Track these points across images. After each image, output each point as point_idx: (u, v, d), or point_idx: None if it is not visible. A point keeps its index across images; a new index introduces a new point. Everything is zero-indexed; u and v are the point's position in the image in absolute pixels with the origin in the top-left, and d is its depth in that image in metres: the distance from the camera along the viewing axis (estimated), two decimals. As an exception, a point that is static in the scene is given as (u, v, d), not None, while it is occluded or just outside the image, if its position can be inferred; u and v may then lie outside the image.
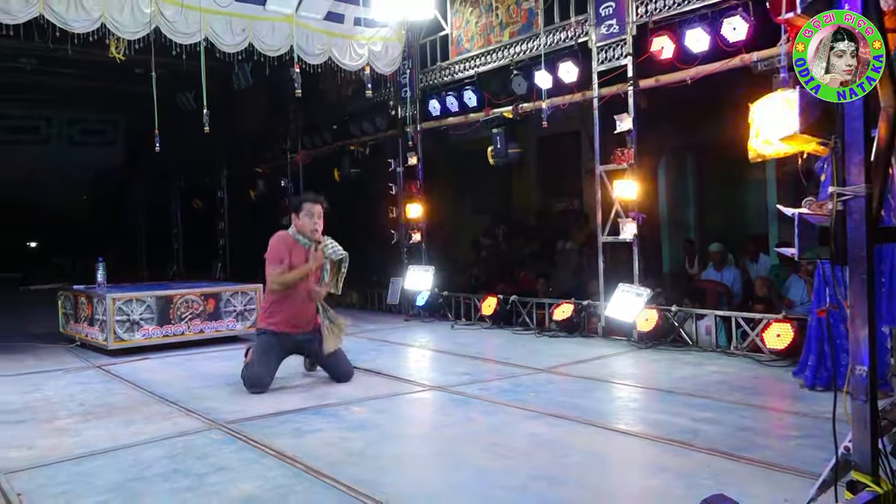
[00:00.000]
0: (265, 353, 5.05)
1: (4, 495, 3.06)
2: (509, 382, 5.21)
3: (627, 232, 6.98)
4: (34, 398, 5.03)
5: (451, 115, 9.11)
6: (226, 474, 3.27)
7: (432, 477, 3.30)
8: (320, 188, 11.80)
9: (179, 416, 4.42)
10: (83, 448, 3.75)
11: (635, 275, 6.91)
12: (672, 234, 9.71)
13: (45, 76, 12.38)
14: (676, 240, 9.58)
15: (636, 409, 4.51)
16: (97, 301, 6.99)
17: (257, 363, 5.00)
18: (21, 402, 4.92)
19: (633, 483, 3.17)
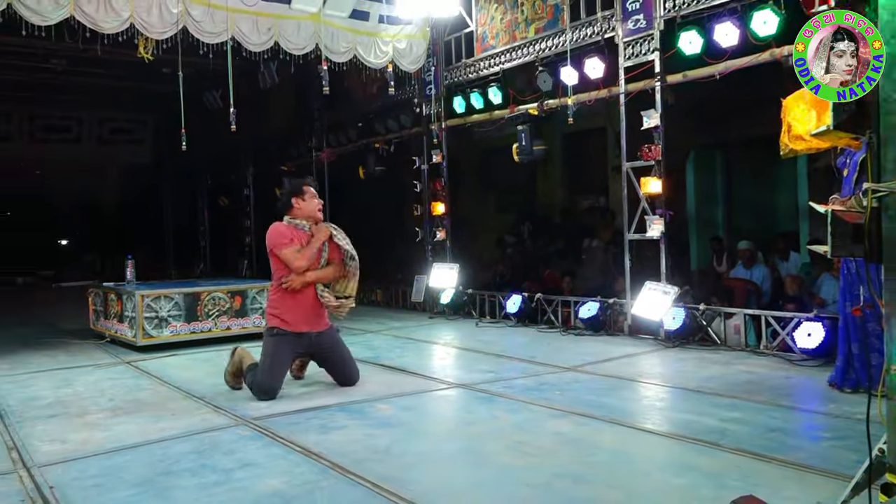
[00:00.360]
0: (274, 357, 4.77)
1: (38, 488, 3.12)
2: (534, 380, 5.19)
3: (654, 229, 6.92)
4: (66, 393, 5.13)
5: (476, 112, 9.09)
6: (253, 470, 3.30)
7: (457, 474, 3.30)
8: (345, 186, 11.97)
9: (207, 412, 4.48)
10: (113, 442, 3.81)
11: (662, 273, 6.85)
12: (700, 231, 9.60)
13: (75, 77, 12.60)
14: (704, 237, 9.47)
15: (663, 409, 4.47)
16: (126, 298, 7.11)
17: (267, 369, 4.73)
18: (53, 396, 5.02)
19: (660, 482, 3.15)
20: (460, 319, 8.85)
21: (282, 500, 2.91)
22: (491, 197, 12.74)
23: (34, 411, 4.58)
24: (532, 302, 8.17)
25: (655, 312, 6.68)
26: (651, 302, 6.74)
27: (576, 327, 7.58)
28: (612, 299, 7.43)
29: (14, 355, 6.82)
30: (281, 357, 4.81)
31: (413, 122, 10.06)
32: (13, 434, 4.03)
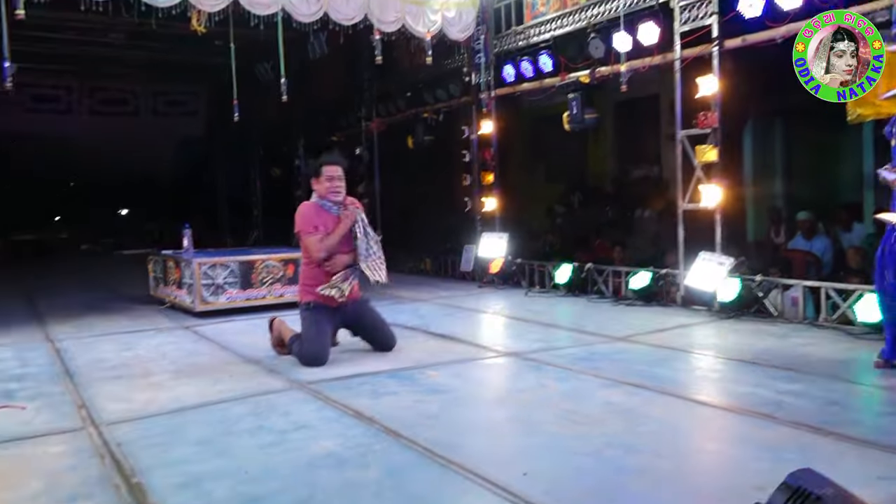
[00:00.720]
0: (318, 326, 4.87)
1: (106, 444, 3.28)
2: (584, 350, 5.18)
3: (709, 199, 6.75)
4: (129, 356, 5.34)
5: (526, 80, 8.96)
6: (307, 431, 3.39)
7: (507, 441, 3.33)
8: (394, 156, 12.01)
9: (262, 375, 4.61)
10: (175, 403, 3.97)
11: (717, 243, 6.70)
12: (757, 201, 9.33)
13: (132, 50, 12.89)
14: (761, 207, 9.21)
15: (717, 380, 4.41)
16: (184, 266, 7.32)
17: (314, 338, 4.83)
18: (118, 359, 5.23)
19: (714, 453, 3.12)
20: (509, 289, 8.85)
21: (336, 461, 2.99)
22: (540, 166, 12.60)
23: (100, 372, 4.79)
24: (582, 272, 8.11)
25: (709, 283, 6.56)
26: (705, 273, 6.62)
27: (627, 298, 7.50)
28: (664, 270, 7.32)
29: (80, 319, 7.12)
30: (323, 326, 4.92)
31: (462, 91, 9.98)
32: (82, 393, 4.23)
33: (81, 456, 3.14)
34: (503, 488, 2.65)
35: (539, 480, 2.73)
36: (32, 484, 2.82)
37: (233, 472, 2.89)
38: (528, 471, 2.81)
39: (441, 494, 2.66)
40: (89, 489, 2.75)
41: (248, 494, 2.66)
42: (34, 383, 4.52)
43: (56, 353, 5.51)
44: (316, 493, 2.65)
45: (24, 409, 3.92)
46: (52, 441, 3.36)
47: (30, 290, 9.73)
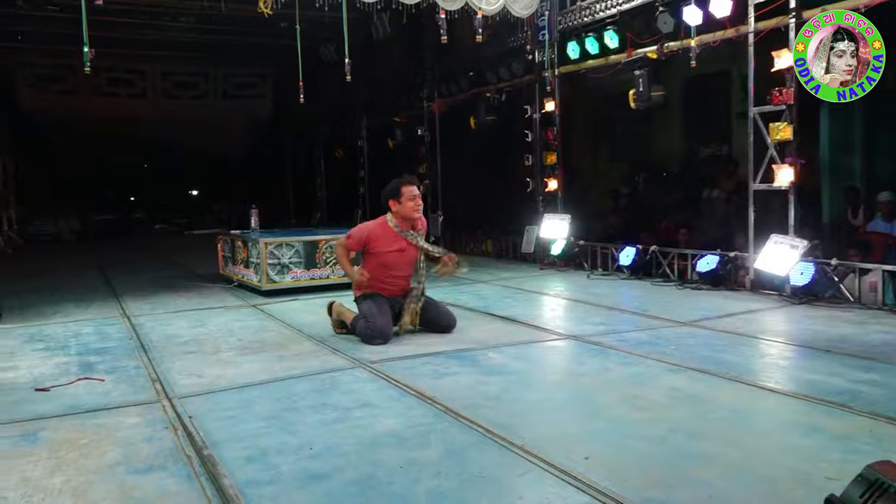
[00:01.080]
0: (379, 306, 5.00)
1: (179, 417, 3.41)
2: (648, 334, 5.08)
3: (783, 179, 6.49)
4: (200, 332, 5.53)
5: (591, 57, 8.77)
6: (370, 410, 3.45)
7: (568, 424, 3.30)
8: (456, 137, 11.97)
9: (326, 354, 4.70)
10: (243, 378, 4.09)
11: (790, 225, 6.44)
12: (833, 181, 8.90)
13: (201, 34, 13.21)
14: (838, 188, 8.79)
15: (787, 367, 4.26)
16: (252, 245, 7.51)
17: (378, 315, 4.93)
18: (190, 335, 5.42)
19: (783, 442, 3.02)
20: (571, 271, 8.75)
21: (398, 439, 3.03)
22: (604, 146, 12.36)
23: (173, 347, 4.98)
24: (646, 254, 7.94)
25: (781, 267, 6.32)
26: (777, 256, 6.38)
27: (693, 281, 7.31)
28: (732, 252, 7.10)
29: (155, 296, 7.40)
30: (383, 306, 5.05)
31: (525, 69, 9.85)
32: (156, 367, 4.41)
33: (156, 427, 3.28)
34: (564, 472, 2.64)
35: (601, 465, 2.70)
36: (111, 453, 2.96)
37: (298, 447, 2.96)
38: (591, 455, 2.79)
39: (501, 476, 2.66)
40: (163, 460, 2.87)
41: (313, 470, 2.72)
42: (112, 357, 4.73)
43: (132, 328, 5.75)
44: (377, 471, 2.69)
45: (102, 381, 4.11)
46: (129, 412, 3.51)
47: (108, 269, 10.17)
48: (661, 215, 10.02)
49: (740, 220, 7.30)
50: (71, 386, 4.01)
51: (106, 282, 8.74)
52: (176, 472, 2.75)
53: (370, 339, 4.89)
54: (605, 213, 11.07)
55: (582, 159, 11.72)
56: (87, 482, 2.67)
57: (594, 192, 11.73)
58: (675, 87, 10.28)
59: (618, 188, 11.42)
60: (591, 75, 9.09)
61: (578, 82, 9.69)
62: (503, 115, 10.62)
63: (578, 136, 11.61)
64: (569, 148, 9.75)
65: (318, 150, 17.65)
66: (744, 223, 7.07)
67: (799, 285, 6.20)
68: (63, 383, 4.06)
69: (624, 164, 11.86)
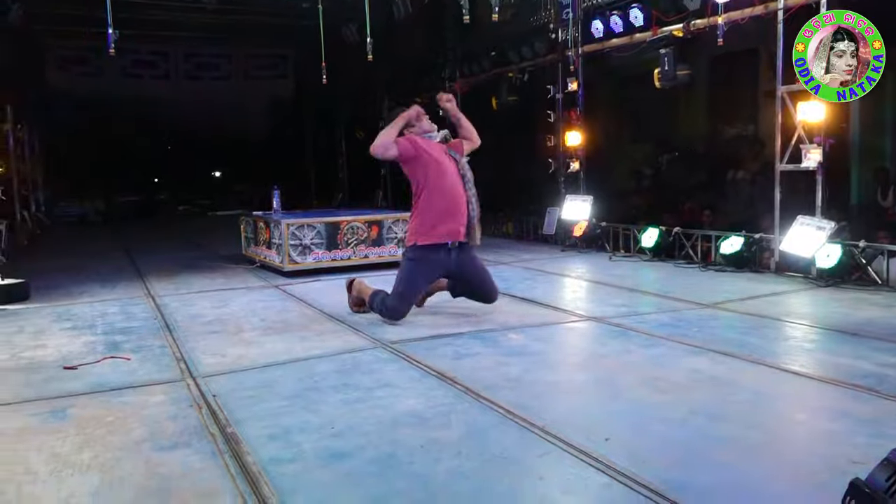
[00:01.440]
0: (409, 283, 4.90)
1: (203, 396, 3.45)
2: (670, 316, 5.04)
3: (811, 159, 6.37)
4: (223, 312, 5.59)
5: (615, 35, 8.63)
6: (391, 390, 3.47)
7: (589, 405, 3.30)
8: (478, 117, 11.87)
9: (347, 334, 4.72)
10: (266, 358, 4.13)
11: (817, 206, 6.33)
12: (863, 161, 8.75)
13: (223, 15, 13.23)
14: (868, 168, 8.63)
15: (812, 350, 4.20)
16: (274, 226, 7.55)
17: (399, 294, 4.87)
18: (213, 315, 5.48)
19: (808, 426, 2.99)
20: (593, 253, 8.70)
21: (419, 419, 3.04)
22: (628, 126, 12.22)
23: (197, 327, 5.04)
24: (669, 236, 7.86)
25: (807, 249, 6.23)
26: (803, 238, 6.29)
27: (716, 263, 7.23)
28: (757, 234, 7.00)
29: (179, 276, 7.49)
30: (415, 283, 4.96)
31: (548, 49, 9.74)
32: (181, 346, 4.46)
33: (180, 406, 3.32)
34: (585, 453, 2.64)
35: (622, 447, 2.69)
36: (137, 430, 3.01)
37: (320, 426, 2.99)
38: (611, 437, 2.78)
39: (521, 456, 2.66)
40: (188, 437, 2.91)
41: (334, 449, 2.75)
42: (137, 336, 4.80)
43: (156, 308, 5.82)
44: (398, 451, 2.71)
45: (128, 360, 4.17)
46: (154, 391, 3.57)
47: (132, 249, 10.31)
48: (684, 196, 9.91)
49: (766, 201, 7.19)
50: (98, 364, 4.08)
51: (131, 262, 8.85)
52: (200, 449, 2.79)
53: (385, 315, 4.90)
54: (627, 194, 10.98)
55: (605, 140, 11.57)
56: (113, 458, 2.73)
57: (617, 173, 11.62)
58: (701, 66, 10.10)
59: (641, 169, 11.31)
60: (615, 54, 8.96)
61: (602, 61, 9.57)
62: (525, 95, 10.53)
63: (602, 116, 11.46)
64: (592, 128, 9.63)
65: (339, 131, 17.65)
66: (769, 204, 6.96)
67: (825, 268, 6.10)
68: (90, 361, 4.13)
69: (647, 145, 11.73)
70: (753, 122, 9.99)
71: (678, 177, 10.67)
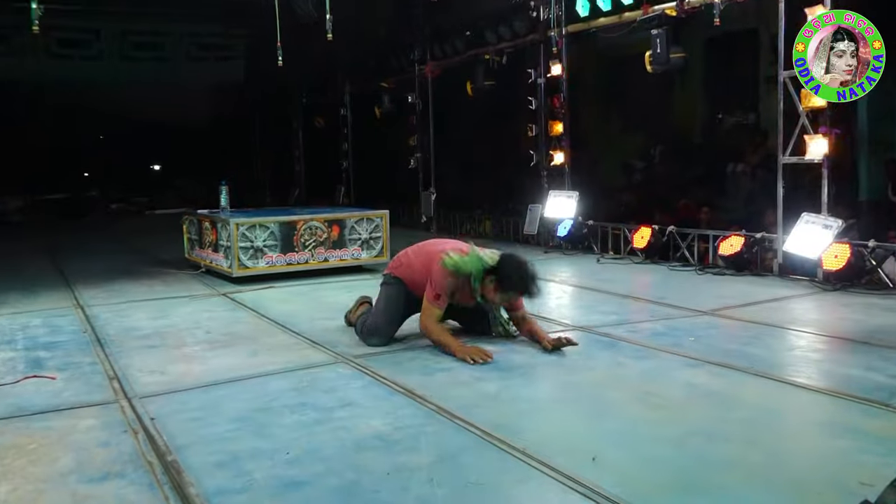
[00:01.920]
0: (391, 303, 4.74)
1: (139, 419, 3.40)
2: (664, 325, 5.10)
3: (815, 151, 6.49)
4: (163, 324, 5.52)
5: (603, 14, 8.70)
6: (353, 409, 3.45)
7: (575, 424, 3.31)
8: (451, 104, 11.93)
9: (305, 347, 4.70)
10: (211, 376, 4.08)
11: (823, 202, 6.46)
12: (872, 153, 8.92)
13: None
14: (878, 161, 8.80)
15: (819, 361, 4.28)
16: (221, 226, 7.48)
17: (382, 312, 4.73)
18: (151, 327, 5.41)
19: (814, 444, 3.04)
20: (579, 255, 8.76)
21: (384, 442, 3.03)
22: (617, 115, 12.33)
23: (133, 341, 4.96)
24: (663, 236, 7.95)
25: (813, 249, 6.34)
26: (808, 237, 6.40)
27: (715, 265, 7.34)
28: (759, 234, 7.12)
29: (111, 284, 7.38)
30: (394, 303, 4.74)
31: (528, 28, 9.79)
32: (114, 363, 4.39)
33: (113, 430, 3.27)
34: (570, 477, 2.65)
35: (611, 470, 2.71)
36: (63, 459, 2.96)
37: (273, 452, 2.96)
38: (600, 459, 2.79)
39: (499, 483, 2.67)
40: (122, 466, 2.87)
41: (290, 477, 2.72)
42: (64, 352, 4.71)
43: (86, 320, 5.73)
44: (362, 478, 2.70)
45: (53, 379, 4.09)
46: (83, 414, 3.51)
47: (58, 253, 10.13)
48: (679, 192, 10.03)
49: (768, 197, 7.31)
50: (18, 385, 4.00)
51: (56, 268, 8.70)
52: (136, 479, 2.75)
53: (365, 336, 4.73)
54: (617, 190, 11.08)
55: (592, 129, 11.69)
56: (35, 491, 2.67)
57: (606, 167, 11.72)
58: (696, 49, 10.24)
59: (632, 162, 11.41)
60: (602, 35, 9.04)
61: (588, 43, 9.65)
62: (504, 80, 10.57)
63: (588, 103, 11.57)
64: (577, 116, 9.73)
65: (295, 119, 17.56)
66: (772, 200, 7.08)
67: (832, 270, 6.21)
68: (9, 382, 4.05)
69: (639, 135, 11.85)
70: (754, 111, 10.14)
71: (672, 171, 10.79)
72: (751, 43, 9.75)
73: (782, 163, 6.85)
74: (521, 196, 10.29)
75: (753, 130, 9.95)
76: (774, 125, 7.05)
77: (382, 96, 13.26)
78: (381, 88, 13.30)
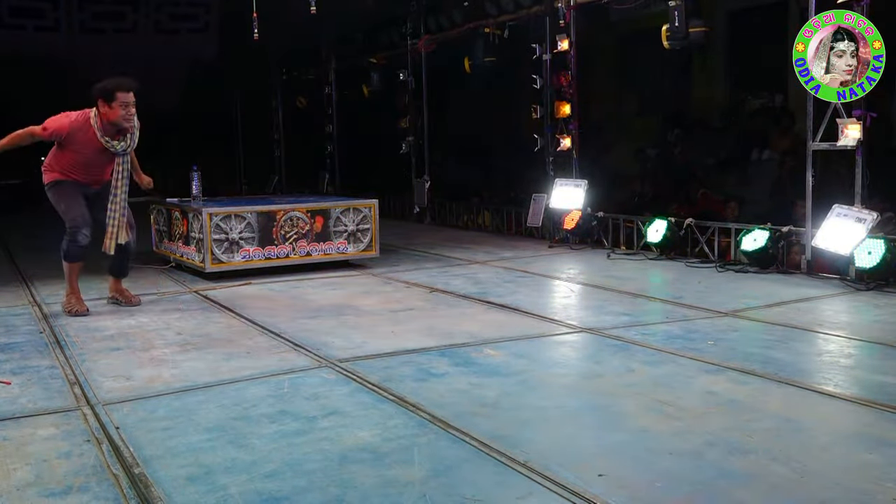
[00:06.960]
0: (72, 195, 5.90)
1: (103, 428, 3.42)
2: (680, 327, 5.13)
3: (849, 137, 6.51)
4: (129, 324, 5.53)
5: (615, -16, 8.74)
6: (339, 419, 3.47)
7: (582, 436, 3.34)
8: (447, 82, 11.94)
9: (285, 350, 4.72)
10: (182, 381, 4.10)
11: (857, 193, 6.49)
12: (911, 139, 8.98)
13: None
14: (917, 148, 8.86)
15: (850, 367, 4.31)
16: (192, 217, 7.49)
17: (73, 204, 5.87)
18: (116, 327, 5.43)
19: (843, 457, 3.07)
20: (588, 249, 8.79)
21: (373, 455, 3.06)
22: (630, 95, 12.38)
23: (96, 343, 4.98)
24: (680, 229, 7.98)
25: (845, 245, 6.37)
26: (840, 231, 6.43)
27: (737, 262, 7.37)
28: (786, 227, 7.15)
29: (72, 280, 7.37)
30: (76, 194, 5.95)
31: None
32: (75, 367, 4.41)
33: (75, 440, 3.29)
34: (576, 493, 2.67)
35: (621, 485, 2.74)
36: (20, 471, 2.97)
37: (250, 464, 2.99)
38: (609, 473, 2.83)
39: (498, 499, 2.69)
40: (85, 479, 2.89)
41: (269, 492, 2.75)
42: (20, 354, 4.73)
43: (44, 319, 5.75)
44: (348, 494, 2.72)
45: (8, 384, 4.10)
46: (42, 422, 3.52)
47: (12, 245, 10.12)
48: (698, 181, 10.07)
49: (796, 186, 7.35)
50: (-31, 390, 4.01)
51: (10, 262, 8.70)
52: (100, 493, 2.77)
53: (74, 235, 5.83)
54: (630, 179, 11.11)
55: (603, 112, 11.73)
56: (-10, 507, 2.69)
57: (618, 153, 11.76)
58: (718, 22, 10.28)
59: (646, 147, 11.45)
60: (614, 7, 9.06)
61: (599, 15, 9.68)
62: (505, 56, 10.59)
63: (599, 82, 11.60)
64: (587, 97, 9.75)
65: (274, 99, 17.54)
66: (800, 191, 7.12)
67: (866, 267, 6.25)
68: (-41, 387, 4.06)
69: (654, 118, 11.89)
70: (781, 91, 10.18)
71: (691, 157, 10.83)
72: (779, 16, 9.79)
73: (812, 149, 6.87)
74: (523, 185, 10.32)
75: (780, 113, 9.99)
76: (803, 108, 7.07)
77: (371, 73, 13.25)
78: (369, 65, 13.30)
